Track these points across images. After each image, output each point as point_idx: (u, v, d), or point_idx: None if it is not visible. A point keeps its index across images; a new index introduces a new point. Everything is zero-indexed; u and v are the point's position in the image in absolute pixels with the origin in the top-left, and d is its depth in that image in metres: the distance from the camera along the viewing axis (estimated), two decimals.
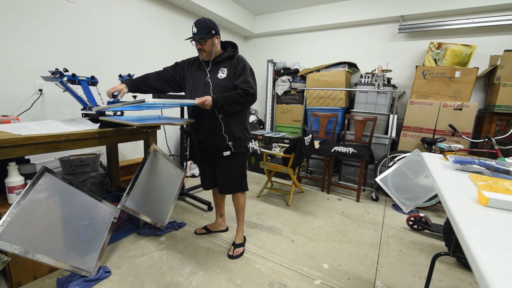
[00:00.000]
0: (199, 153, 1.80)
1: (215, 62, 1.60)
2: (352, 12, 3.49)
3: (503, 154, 2.28)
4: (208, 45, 1.53)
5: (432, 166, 1.01)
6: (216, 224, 1.99)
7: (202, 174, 1.86)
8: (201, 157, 1.79)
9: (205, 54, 1.57)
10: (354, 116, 3.09)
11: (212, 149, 1.66)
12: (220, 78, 1.56)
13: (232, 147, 1.62)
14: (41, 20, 2.02)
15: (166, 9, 3.09)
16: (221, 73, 1.57)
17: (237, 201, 1.79)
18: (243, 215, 1.84)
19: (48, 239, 1.26)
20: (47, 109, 2.13)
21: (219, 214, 1.98)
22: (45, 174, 1.29)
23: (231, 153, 1.64)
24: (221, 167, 1.69)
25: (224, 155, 1.63)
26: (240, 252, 1.74)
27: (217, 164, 1.70)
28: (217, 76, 1.57)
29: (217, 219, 1.99)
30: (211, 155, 1.70)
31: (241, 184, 1.74)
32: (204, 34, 1.49)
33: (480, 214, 0.59)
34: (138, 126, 1.80)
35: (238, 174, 1.71)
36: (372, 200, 2.80)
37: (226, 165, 1.67)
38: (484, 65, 2.87)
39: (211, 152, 1.68)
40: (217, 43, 1.58)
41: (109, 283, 1.42)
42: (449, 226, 1.68)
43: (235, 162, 1.68)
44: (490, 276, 0.37)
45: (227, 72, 1.56)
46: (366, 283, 1.52)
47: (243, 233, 1.85)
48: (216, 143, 1.62)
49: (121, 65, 2.65)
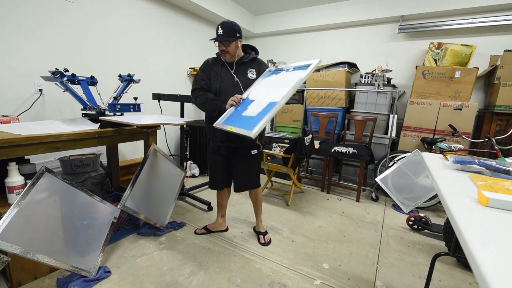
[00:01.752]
0: (217, 152, 1.75)
1: (240, 63, 1.66)
2: (352, 12, 3.49)
3: (503, 154, 2.28)
4: (232, 48, 1.57)
5: (432, 166, 1.01)
6: (217, 224, 1.99)
7: (216, 174, 1.83)
8: (220, 157, 1.76)
9: (228, 56, 1.60)
10: (354, 116, 3.09)
11: (241, 147, 1.69)
12: (251, 79, 1.66)
13: (260, 144, 1.73)
14: (41, 20, 2.02)
15: (166, 9, 3.09)
16: (251, 74, 1.67)
17: (255, 196, 1.89)
18: (261, 207, 1.97)
19: (48, 239, 1.26)
20: (47, 109, 2.13)
21: (220, 214, 1.98)
22: (45, 174, 1.29)
23: (257, 151, 1.73)
24: (243, 165, 1.75)
25: (251, 153, 1.70)
26: (269, 238, 1.91)
27: (238, 163, 1.75)
28: (246, 76, 1.66)
29: (217, 219, 1.99)
30: (235, 154, 1.72)
31: (258, 180, 1.86)
32: (229, 36, 1.54)
33: (480, 214, 0.59)
34: (138, 126, 1.80)
35: (256, 172, 1.82)
36: (372, 200, 2.80)
37: (249, 163, 1.75)
38: (484, 65, 2.87)
39: (240, 151, 1.69)
40: (240, 46, 1.63)
41: (109, 283, 1.42)
42: (449, 226, 1.68)
43: (256, 159, 1.78)
44: (490, 276, 0.37)
45: (256, 73, 1.69)
46: (366, 283, 1.52)
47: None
48: (247, 141, 1.67)
49: (121, 65, 2.65)
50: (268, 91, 1.50)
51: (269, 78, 1.61)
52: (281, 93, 1.40)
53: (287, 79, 1.48)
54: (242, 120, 1.43)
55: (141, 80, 2.25)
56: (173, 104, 3.17)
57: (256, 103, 1.47)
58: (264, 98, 1.46)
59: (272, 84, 1.54)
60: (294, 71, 1.52)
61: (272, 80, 1.58)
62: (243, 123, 1.40)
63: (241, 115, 1.48)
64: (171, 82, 3.31)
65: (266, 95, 1.47)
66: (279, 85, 1.48)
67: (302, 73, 1.44)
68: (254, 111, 1.43)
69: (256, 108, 1.43)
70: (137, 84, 2.15)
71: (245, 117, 1.45)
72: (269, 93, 1.47)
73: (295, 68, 1.53)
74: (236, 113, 1.52)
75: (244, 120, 1.42)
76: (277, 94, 1.41)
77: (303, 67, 1.50)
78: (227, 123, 1.49)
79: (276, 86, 1.50)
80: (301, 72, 1.46)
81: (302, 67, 1.51)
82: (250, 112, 1.45)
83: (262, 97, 1.48)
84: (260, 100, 1.47)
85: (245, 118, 1.44)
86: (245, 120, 1.42)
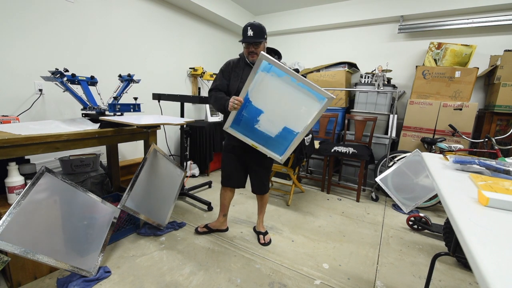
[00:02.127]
0: (231, 152, 1.79)
1: None
2: (352, 12, 3.49)
3: (503, 154, 2.28)
4: (261, 49, 1.60)
5: (432, 166, 1.02)
6: (218, 223, 1.99)
7: (228, 172, 1.84)
8: (234, 156, 1.79)
9: (256, 57, 1.59)
10: (354, 116, 3.09)
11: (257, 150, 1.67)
12: None
13: None
14: (41, 20, 2.02)
15: (166, 9, 3.09)
16: None
17: (262, 197, 1.93)
18: (266, 207, 2.02)
19: (48, 239, 1.26)
20: (47, 109, 2.13)
21: (222, 214, 1.98)
22: (45, 174, 1.29)
23: None
24: (259, 169, 1.81)
25: (267, 156, 1.68)
26: (269, 238, 1.92)
27: (255, 166, 1.79)
28: None
29: (219, 218, 1.99)
30: (251, 156, 1.74)
31: (268, 184, 1.93)
32: (259, 38, 1.56)
33: (480, 214, 0.59)
34: (138, 126, 1.80)
35: (268, 175, 1.89)
36: (372, 200, 2.80)
37: (265, 167, 1.82)
38: (484, 65, 2.87)
39: (256, 153, 1.68)
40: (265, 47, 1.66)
41: (109, 283, 1.42)
42: (449, 226, 1.68)
43: (270, 163, 1.84)
44: (490, 276, 0.37)
45: None
46: (366, 283, 1.52)
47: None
48: None
49: (121, 65, 2.65)
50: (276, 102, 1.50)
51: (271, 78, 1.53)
52: (300, 122, 1.50)
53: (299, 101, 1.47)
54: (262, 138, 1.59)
55: (141, 80, 2.25)
56: (173, 104, 3.17)
57: (268, 118, 1.54)
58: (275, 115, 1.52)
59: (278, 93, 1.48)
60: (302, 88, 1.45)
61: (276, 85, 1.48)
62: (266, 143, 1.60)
63: (255, 128, 1.57)
64: (171, 82, 3.31)
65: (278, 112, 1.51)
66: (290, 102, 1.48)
67: (316, 104, 1.45)
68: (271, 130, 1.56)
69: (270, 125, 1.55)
70: (137, 84, 2.15)
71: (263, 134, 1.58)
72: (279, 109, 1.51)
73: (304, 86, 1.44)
74: (246, 121, 1.57)
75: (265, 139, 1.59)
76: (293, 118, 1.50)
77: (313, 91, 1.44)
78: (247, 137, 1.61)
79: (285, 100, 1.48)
80: (314, 101, 1.45)
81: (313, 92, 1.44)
82: (265, 128, 1.56)
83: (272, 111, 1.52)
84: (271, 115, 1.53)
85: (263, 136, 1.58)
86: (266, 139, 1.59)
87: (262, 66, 1.43)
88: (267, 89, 1.49)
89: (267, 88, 1.49)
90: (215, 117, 3.57)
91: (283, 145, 1.59)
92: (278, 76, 1.45)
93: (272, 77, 1.47)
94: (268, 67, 1.44)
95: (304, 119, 1.49)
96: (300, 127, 1.51)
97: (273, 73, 1.45)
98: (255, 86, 1.49)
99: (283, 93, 1.47)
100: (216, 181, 3.14)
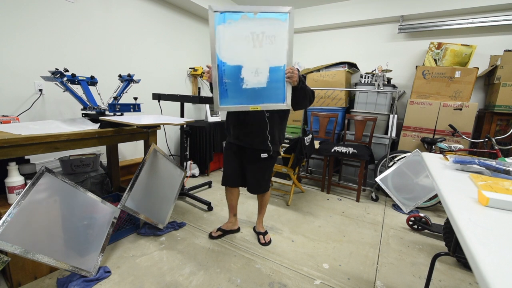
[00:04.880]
0: (230, 150, 1.79)
1: None
2: (352, 12, 3.48)
3: (503, 154, 2.28)
4: None
5: (432, 166, 1.01)
6: (230, 224, 1.98)
7: (227, 171, 1.84)
8: (232, 154, 1.78)
9: None
10: (354, 116, 3.09)
11: (250, 149, 1.68)
12: None
13: (271, 149, 1.67)
14: (41, 20, 2.02)
15: (166, 9, 3.09)
16: None
17: (262, 197, 1.90)
18: (266, 208, 1.99)
19: (48, 239, 1.26)
20: (47, 109, 2.13)
21: (232, 214, 1.98)
22: (45, 174, 1.29)
23: (268, 156, 1.67)
24: (254, 169, 1.74)
25: (261, 157, 1.66)
26: (269, 238, 1.91)
27: (250, 165, 1.75)
28: None
29: (230, 219, 1.98)
30: (246, 155, 1.72)
31: (267, 185, 1.85)
32: None
33: (480, 214, 0.59)
34: (138, 126, 1.80)
35: (266, 176, 1.80)
36: (372, 200, 2.80)
37: (260, 167, 1.74)
38: (484, 65, 2.87)
39: (249, 152, 1.69)
40: None
41: (109, 283, 1.42)
42: (449, 226, 1.68)
43: (267, 165, 1.75)
44: (490, 276, 0.37)
45: None
46: (366, 283, 1.52)
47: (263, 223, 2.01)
48: (257, 143, 1.65)
49: (121, 65, 2.65)
50: (249, 48, 1.35)
51: (230, 26, 1.35)
52: (280, 54, 1.37)
53: (268, 32, 1.35)
54: (257, 95, 1.39)
55: (141, 80, 2.25)
56: (173, 104, 3.17)
57: (250, 70, 1.36)
58: (255, 61, 1.35)
59: (245, 37, 1.35)
60: (263, 18, 1.35)
61: (239, 30, 1.34)
62: (264, 97, 1.39)
63: (244, 90, 1.38)
64: (171, 82, 3.31)
65: (255, 56, 1.35)
66: (261, 39, 1.35)
67: (283, 25, 1.37)
68: (260, 80, 1.37)
69: (255, 76, 1.36)
70: (137, 84, 2.15)
71: (255, 90, 1.39)
72: (255, 52, 1.35)
73: (263, 14, 1.35)
74: (232, 88, 1.38)
75: (260, 94, 1.39)
76: (272, 54, 1.36)
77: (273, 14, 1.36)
78: (242, 103, 1.39)
79: (255, 39, 1.36)
80: (279, 23, 1.36)
81: (275, 15, 1.36)
82: (253, 83, 1.37)
83: (250, 59, 1.35)
84: (251, 64, 1.36)
85: (257, 92, 1.39)
86: (261, 94, 1.39)
87: (216, 20, 1.31)
88: (233, 40, 1.34)
89: (233, 39, 1.34)
90: (215, 117, 3.57)
91: (280, 88, 1.43)
92: (236, 20, 1.33)
93: (231, 25, 1.33)
94: (222, 17, 1.32)
95: (282, 47, 1.38)
96: (283, 58, 1.39)
97: (230, 20, 1.33)
98: (220, 44, 1.33)
99: (250, 33, 1.35)
100: (216, 181, 3.14)
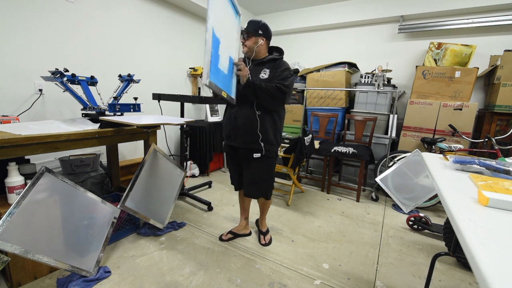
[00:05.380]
0: (227, 152, 1.77)
1: (258, 63, 1.65)
2: (352, 12, 3.48)
3: (503, 154, 2.28)
4: (251, 42, 1.59)
5: (432, 166, 1.01)
6: (240, 227, 1.95)
7: (231, 174, 1.85)
8: (229, 156, 1.78)
9: (245, 49, 1.63)
10: (354, 116, 3.09)
11: (242, 148, 1.63)
12: (262, 78, 1.59)
13: (263, 149, 1.59)
14: (41, 20, 2.02)
15: (167, 9, 3.09)
16: (263, 74, 1.61)
17: (262, 202, 1.86)
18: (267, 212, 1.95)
19: (48, 239, 1.26)
20: (47, 109, 2.13)
21: (243, 217, 1.95)
22: (45, 174, 1.28)
23: (261, 156, 1.60)
24: (248, 170, 1.67)
25: (254, 157, 1.60)
26: (270, 238, 1.90)
27: (244, 166, 1.70)
28: (259, 76, 1.61)
29: (241, 222, 1.96)
30: (240, 155, 1.68)
31: (265, 191, 1.72)
32: (250, 30, 1.58)
33: (480, 214, 0.59)
34: (138, 126, 1.80)
35: (263, 180, 1.68)
36: (372, 200, 2.80)
37: (254, 168, 1.65)
38: (484, 65, 2.87)
39: (242, 152, 1.65)
40: (261, 45, 1.62)
41: (109, 283, 1.42)
42: (449, 226, 1.68)
43: (263, 166, 1.65)
44: (490, 276, 0.37)
45: (269, 73, 1.59)
46: (366, 283, 1.52)
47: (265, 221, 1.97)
48: (248, 142, 1.59)
49: (121, 65, 2.65)
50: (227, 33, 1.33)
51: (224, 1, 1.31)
52: (234, 46, 1.40)
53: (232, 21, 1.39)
54: (221, 77, 1.26)
55: (141, 80, 2.25)
56: (173, 104, 3.17)
57: (222, 50, 1.27)
58: (227, 47, 1.32)
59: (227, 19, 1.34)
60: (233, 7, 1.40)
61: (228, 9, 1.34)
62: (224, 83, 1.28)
63: (218, 68, 1.24)
64: (171, 82, 3.31)
65: (226, 43, 1.31)
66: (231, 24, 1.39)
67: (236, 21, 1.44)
68: (225, 65, 1.30)
69: (224, 60, 1.30)
70: (137, 84, 2.15)
71: (222, 72, 1.27)
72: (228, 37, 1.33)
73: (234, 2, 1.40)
74: (215, 60, 1.21)
75: (223, 78, 1.29)
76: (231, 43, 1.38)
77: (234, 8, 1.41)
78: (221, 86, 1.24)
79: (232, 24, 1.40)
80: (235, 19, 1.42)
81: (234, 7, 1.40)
82: (223, 66, 1.28)
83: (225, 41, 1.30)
84: (225, 45, 1.29)
85: (223, 75, 1.29)
86: (224, 79, 1.29)
87: None
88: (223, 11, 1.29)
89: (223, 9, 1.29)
90: (215, 117, 3.57)
91: (230, 79, 1.37)
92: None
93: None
94: None
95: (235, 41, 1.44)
96: (235, 51, 1.43)
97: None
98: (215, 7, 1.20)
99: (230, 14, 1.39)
100: (216, 181, 3.14)
